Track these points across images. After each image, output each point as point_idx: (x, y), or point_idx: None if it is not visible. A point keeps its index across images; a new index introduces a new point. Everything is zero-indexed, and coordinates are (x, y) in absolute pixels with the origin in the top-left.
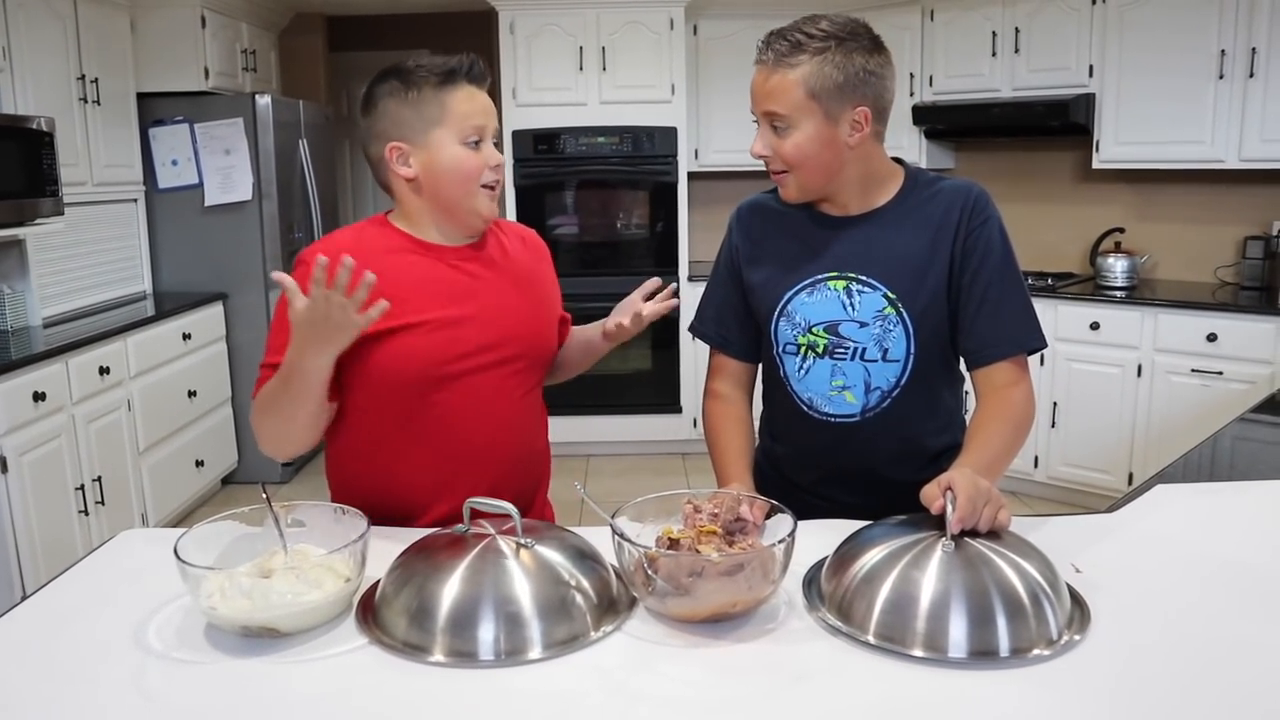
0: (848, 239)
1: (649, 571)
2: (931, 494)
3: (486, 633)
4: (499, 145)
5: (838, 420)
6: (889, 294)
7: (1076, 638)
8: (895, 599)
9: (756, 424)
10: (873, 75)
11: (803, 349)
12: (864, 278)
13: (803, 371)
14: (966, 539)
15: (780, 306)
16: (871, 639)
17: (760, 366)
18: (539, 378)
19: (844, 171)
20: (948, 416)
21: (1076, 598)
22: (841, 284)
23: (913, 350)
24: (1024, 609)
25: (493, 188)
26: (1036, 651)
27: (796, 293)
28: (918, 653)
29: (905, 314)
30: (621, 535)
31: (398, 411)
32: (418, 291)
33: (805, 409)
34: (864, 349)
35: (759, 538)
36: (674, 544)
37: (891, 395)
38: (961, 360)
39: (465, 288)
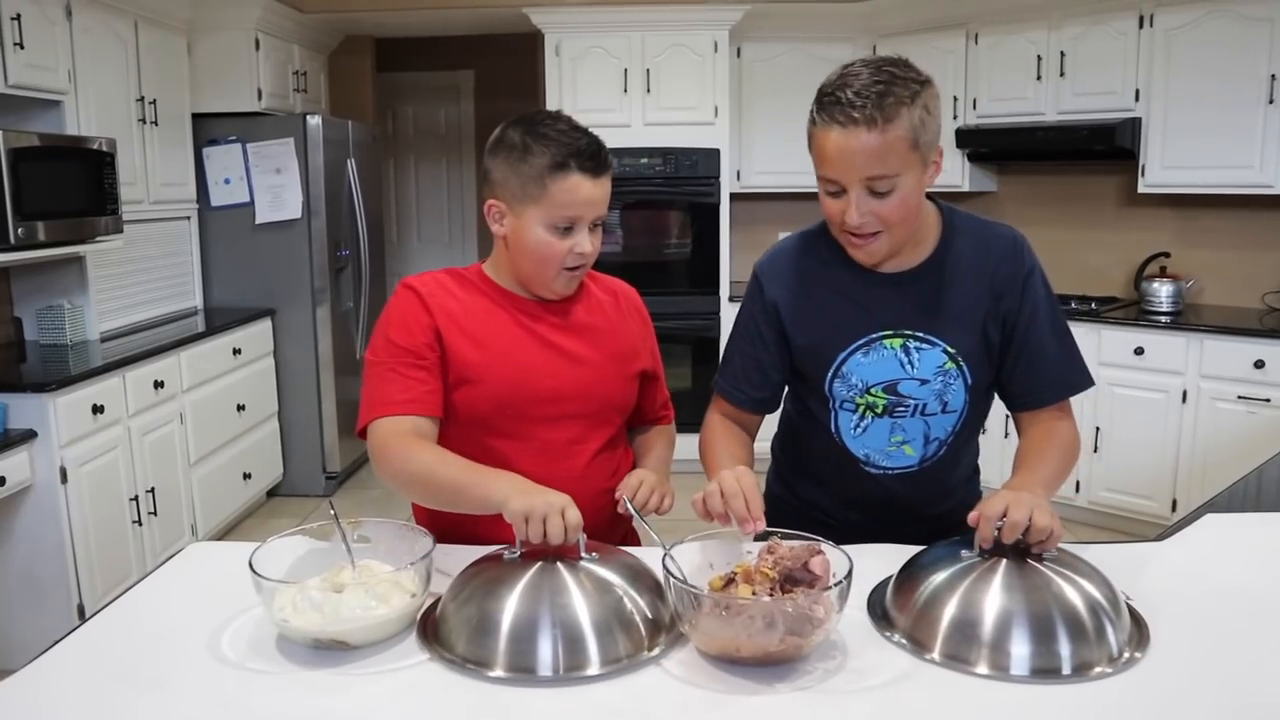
0: (900, 295)
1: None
2: (986, 530)
3: (545, 649)
4: (603, 226)
5: (894, 473)
6: (948, 349)
7: (1138, 655)
8: (960, 618)
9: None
10: (939, 110)
11: (860, 408)
12: (921, 334)
13: (859, 429)
14: (1031, 561)
15: (835, 368)
16: (938, 658)
17: (791, 415)
18: (612, 432)
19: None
20: (976, 451)
21: (1136, 618)
22: (898, 341)
23: (968, 400)
24: (1085, 628)
25: (576, 269)
26: (1099, 669)
27: (851, 354)
28: (982, 670)
29: (965, 367)
30: (668, 570)
31: (468, 448)
32: (492, 336)
33: (860, 464)
34: (924, 404)
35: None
36: (731, 581)
37: (947, 444)
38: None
39: (538, 341)
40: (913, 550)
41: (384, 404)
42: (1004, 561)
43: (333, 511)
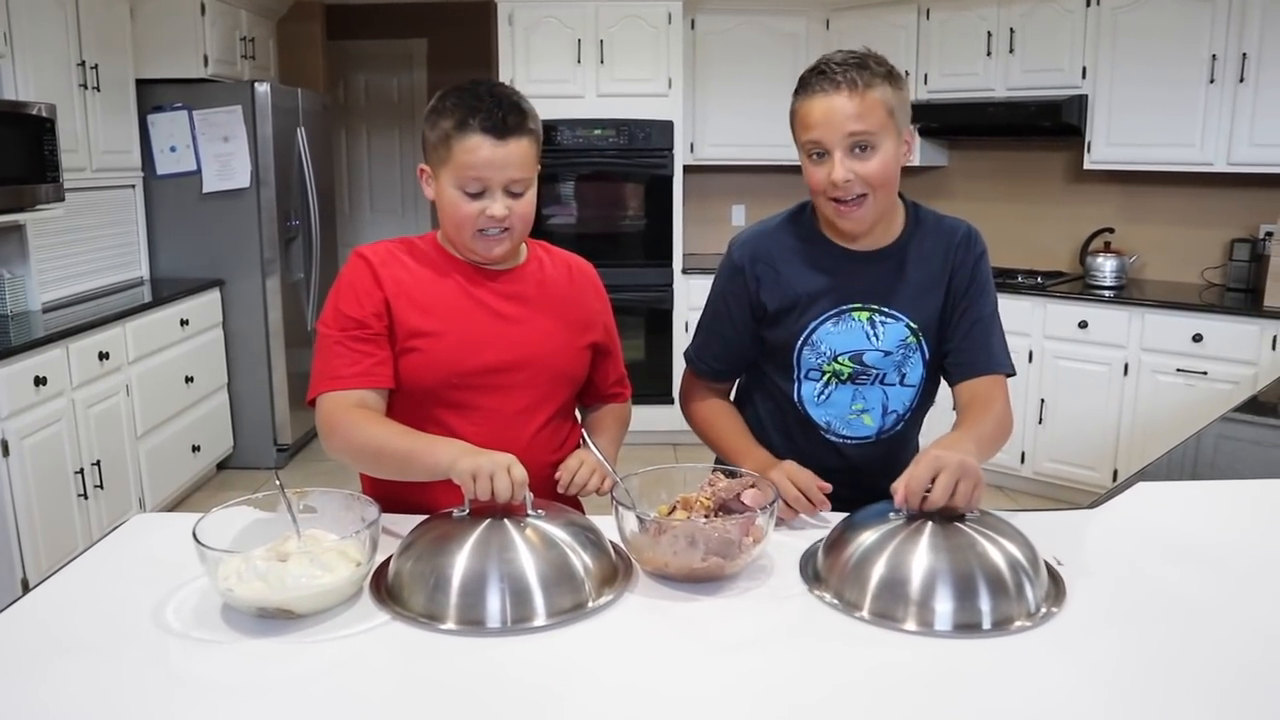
0: (871, 272)
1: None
2: (913, 501)
3: (494, 602)
4: (520, 194)
5: (853, 441)
6: (911, 324)
7: (1054, 610)
8: (889, 578)
9: None
10: (908, 100)
11: (826, 375)
12: (887, 308)
13: (823, 396)
14: (956, 523)
15: (806, 335)
16: (867, 615)
17: (749, 385)
18: (560, 404)
19: None
20: (917, 444)
21: (1054, 576)
22: (865, 314)
23: (925, 375)
24: (1005, 585)
25: (494, 234)
26: (1018, 623)
27: (822, 322)
28: (910, 627)
29: (924, 342)
30: (616, 498)
31: (416, 416)
32: (440, 305)
33: (820, 431)
34: (884, 374)
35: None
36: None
37: (904, 418)
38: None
39: (488, 310)
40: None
41: (331, 378)
42: (929, 524)
43: (278, 481)
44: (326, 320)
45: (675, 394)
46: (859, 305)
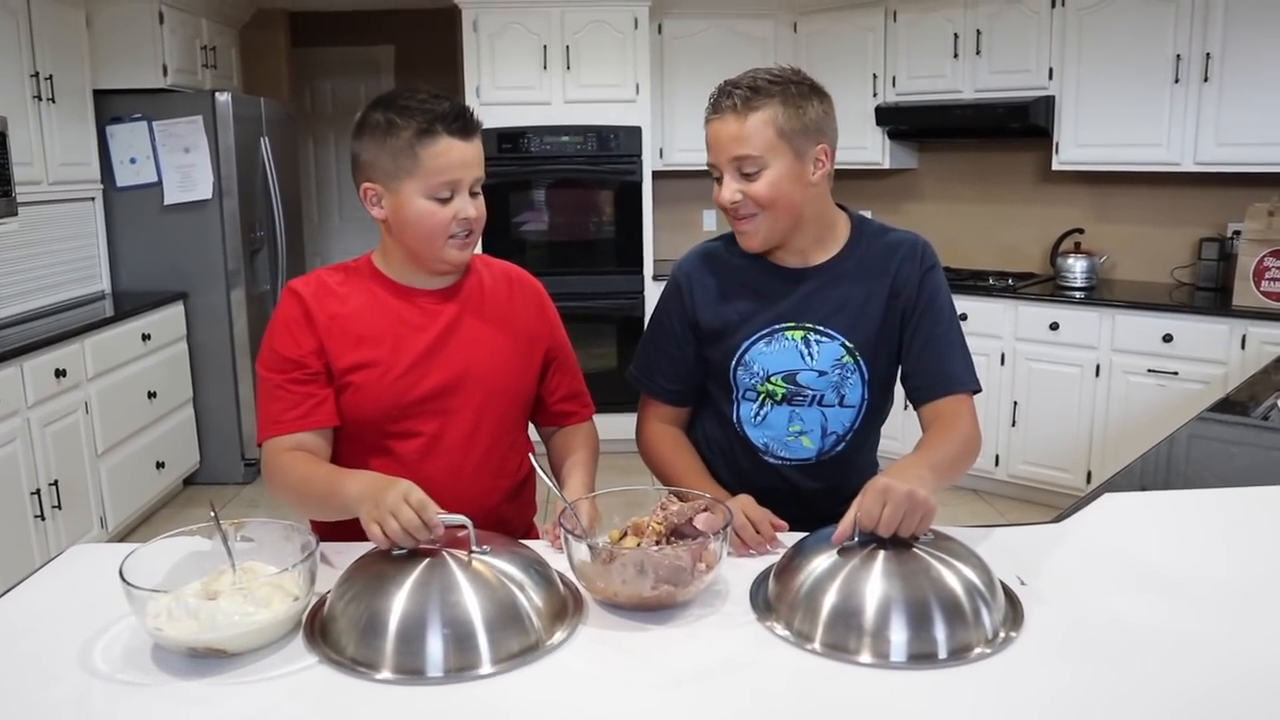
0: (804, 290)
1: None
2: (845, 527)
3: (435, 648)
4: (478, 194)
5: (792, 464)
6: (847, 344)
7: (1013, 635)
8: (841, 607)
9: None
10: (826, 116)
11: (761, 396)
12: (822, 328)
13: (759, 417)
14: (913, 548)
15: (738, 356)
16: (819, 648)
17: (697, 408)
18: (508, 422)
19: (804, 213)
20: (874, 454)
21: (1011, 598)
22: (799, 334)
23: (867, 396)
24: (962, 611)
25: (465, 237)
26: (977, 650)
27: (754, 342)
28: (865, 659)
29: (862, 362)
30: (565, 519)
31: (362, 446)
32: (377, 334)
33: (759, 453)
34: (822, 395)
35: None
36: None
37: (845, 439)
38: (903, 396)
39: (432, 334)
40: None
41: (273, 422)
42: (881, 550)
43: (213, 513)
44: (265, 362)
45: None
46: (792, 324)
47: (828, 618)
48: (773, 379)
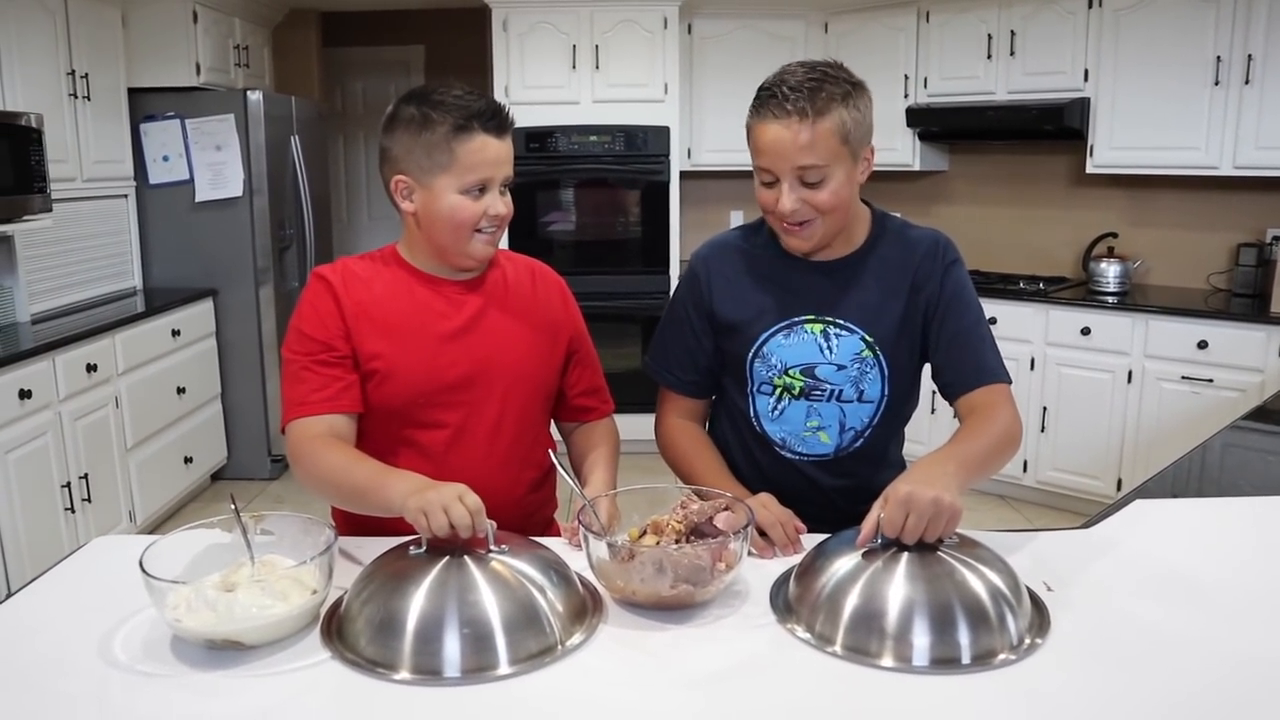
0: (825, 283)
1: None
2: (868, 532)
3: (452, 649)
4: (510, 189)
5: (810, 459)
6: (866, 337)
7: (1039, 641)
8: (863, 610)
9: None
10: (870, 113)
11: (778, 390)
12: (841, 321)
13: (776, 412)
14: (937, 551)
15: (756, 348)
16: (840, 650)
17: (715, 401)
18: (531, 414)
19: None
20: (899, 454)
21: (1038, 603)
22: (819, 327)
23: (886, 391)
24: (987, 616)
25: (491, 232)
26: (1002, 656)
27: (773, 334)
28: (886, 663)
29: (882, 357)
30: (584, 517)
31: (386, 437)
32: (402, 324)
33: (776, 448)
34: (840, 390)
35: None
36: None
37: (864, 435)
38: (929, 398)
39: (457, 322)
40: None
41: (298, 404)
42: (905, 552)
43: (233, 506)
44: (291, 345)
45: None
46: (812, 317)
47: (849, 620)
48: (790, 372)
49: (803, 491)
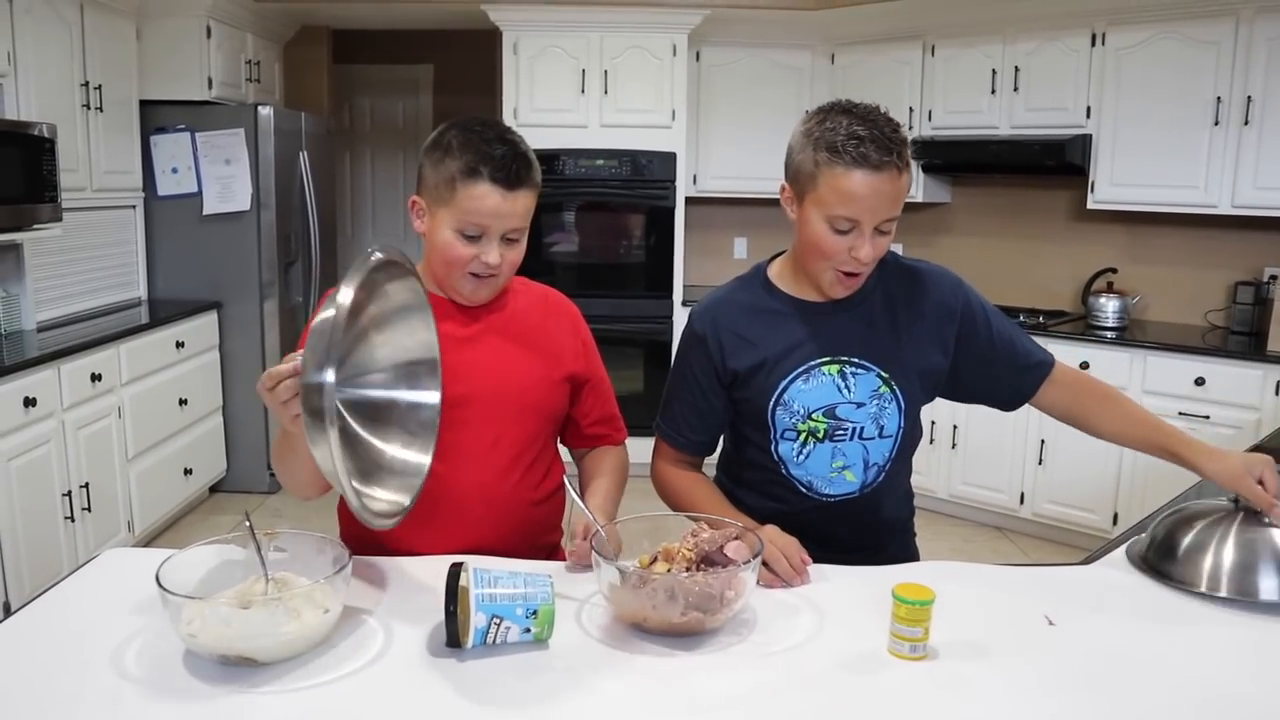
0: (834, 323)
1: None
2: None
3: None
4: (515, 241)
5: (837, 499)
6: (882, 373)
7: None
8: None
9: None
10: None
11: (802, 435)
12: (856, 359)
13: (802, 456)
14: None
15: (777, 396)
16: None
17: (729, 445)
18: (537, 440)
19: None
20: (909, 482)
21: None
22: (835, 368)
23: (903, 425)
24: None
25: (484, 277)
26: None
27: (792, 380)
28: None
29: (898, 391)
30: (595, 543)
31: None
32: None
33: (803, 491)
34: (862, 428)
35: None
36: (656, 559)
37: (885, 469)
38: (929, 430)
39: (450, 339)
40: (884, 569)
41: None
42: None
43: (248, 523)
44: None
45: None
46: (828, 359)
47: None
48: (814, 415)
49: (829, 530)
